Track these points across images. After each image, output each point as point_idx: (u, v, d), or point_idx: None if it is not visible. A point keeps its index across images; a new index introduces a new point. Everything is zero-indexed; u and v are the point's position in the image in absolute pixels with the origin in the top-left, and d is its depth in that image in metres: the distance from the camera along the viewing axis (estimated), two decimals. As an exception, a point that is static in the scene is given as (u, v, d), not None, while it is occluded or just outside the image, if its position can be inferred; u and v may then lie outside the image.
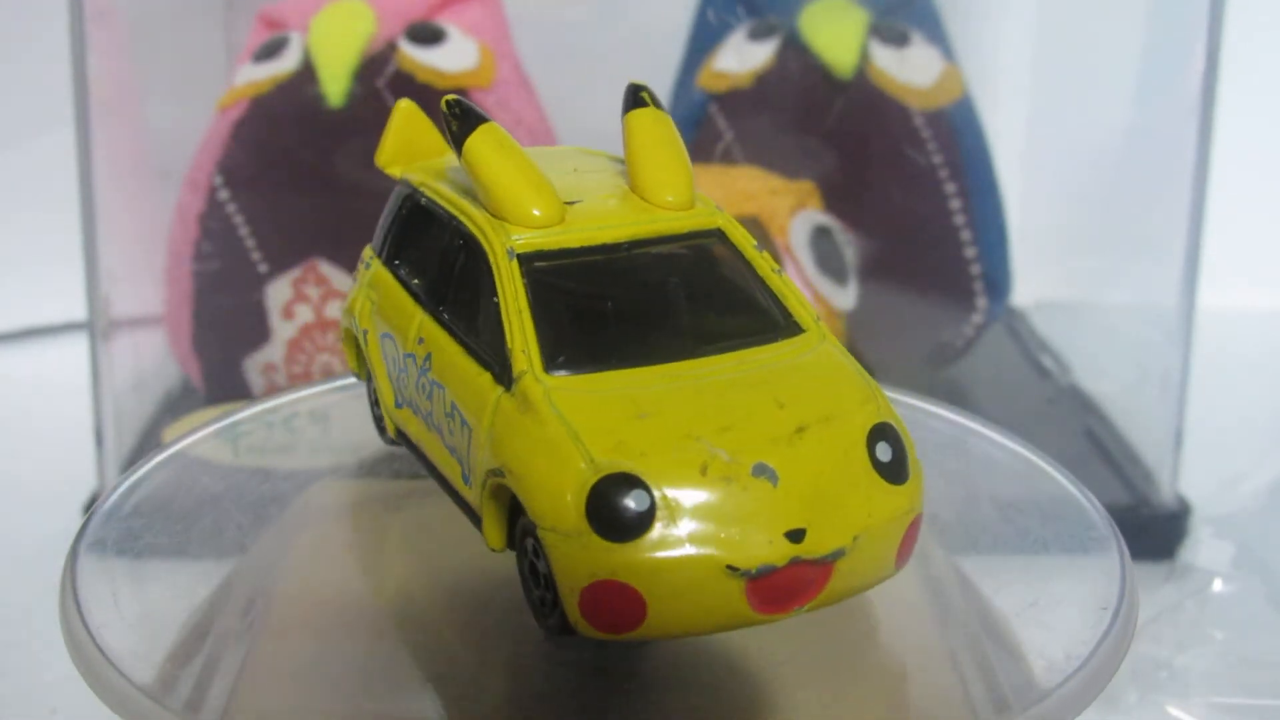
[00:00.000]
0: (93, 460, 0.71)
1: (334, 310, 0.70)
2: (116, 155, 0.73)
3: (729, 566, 0.33)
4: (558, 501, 0.33)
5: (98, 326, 0.70)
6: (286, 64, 0.71)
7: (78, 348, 0.74)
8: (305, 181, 0.70)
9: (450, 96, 0.40)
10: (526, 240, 0.38)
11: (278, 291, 0.70)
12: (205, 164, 0.71)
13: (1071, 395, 0.81)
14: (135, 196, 0.77)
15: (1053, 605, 0.41)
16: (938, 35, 0.77)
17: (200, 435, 0.49)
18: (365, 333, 0.43)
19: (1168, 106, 0.74)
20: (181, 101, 0.79)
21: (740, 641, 0.38)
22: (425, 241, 0.41)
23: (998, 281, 0.76)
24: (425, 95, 0.71)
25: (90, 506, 0.68)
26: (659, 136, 0.40)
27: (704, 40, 0.79)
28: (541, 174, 0.39)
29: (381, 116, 0.72)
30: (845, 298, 0.71)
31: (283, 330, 0.71)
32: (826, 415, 0.35)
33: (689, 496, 0.33)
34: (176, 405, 0.77)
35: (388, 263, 0.43)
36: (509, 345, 0.36)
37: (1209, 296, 0.74)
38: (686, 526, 0.33)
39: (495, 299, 0.37)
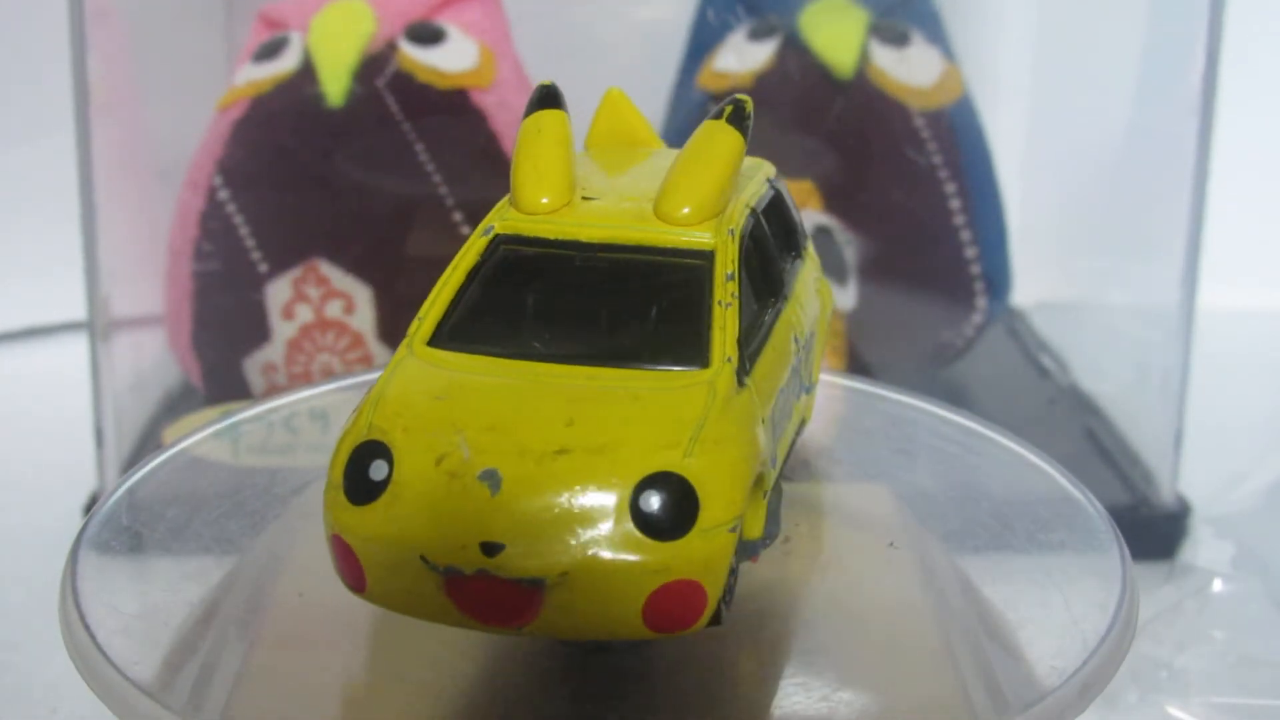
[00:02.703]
0: (93, 460, 0.70)
1: (334, 310, 0.70)
2: (116, 155, 0.73)
3: (422, 557, 0.33)
4: (336, 455, 0.35)
5: (98, 326, 0.70)
6: (286, 64, 0.71)
7: (78, 348, 0.74)
8: (305, 181, 0.70)
9: (546, 82, 0.41)
10: (512, 223, 0.38)
11: (278, 291, 0.70)
12: (205, 164, 0.71)
13: (1071, 395, 0.81)
14: (135, 196, 0.77)
15: (1053, 605, 0.41)
16: (938, 35, 0.77)
17: (200, 435, 0.49)
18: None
19: (1168, 106, 0.74)
20: (181, 101, 0.79)
21: (738, 641, 0.38)
22: None
23: (998, 281, 0.76)
24: (425, 95, 0.71)
25: (90, 506, 0.68)
26: (709, 151, 0.39)
27: (704, 40, 0.79)
28: (568, 166, 0.39)
29: (381, 116, 0.73)
30: (845, 298, 0.71)
31: (283, 330, 0.71)
32: (602, 446, 0.33)
33: (417, 481, 0.33)
34: (176, 405, 0.77)
35: None
36: (419, 311, 0.37)
37: (1209, 296, 0.74)
38: (403, 508, 0.33)
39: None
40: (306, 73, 0.70)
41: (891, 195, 0.73)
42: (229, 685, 0.37)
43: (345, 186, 0.70)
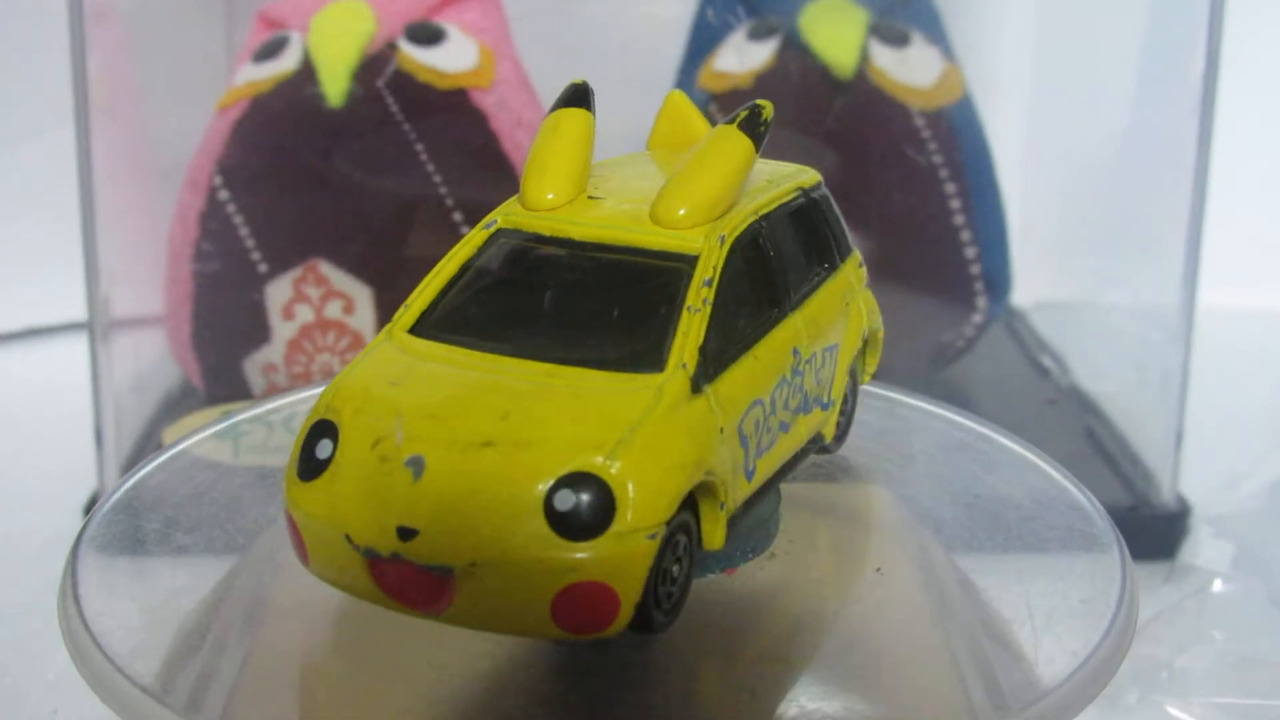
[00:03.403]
0: (93, 460, 0.70)
1: (334, 310, 0.71)
2: (116, 155, 0.73)
3: (347, 536, 0.34)
4: (299, 434, 0.36)
5: (98, 326, 0.70)
6: (286, 64, 0.71)
7: (78, 348, 0.74)
8: (305, 181, 0.70)
9: (578, 80, 0.41)
10: (514, 218, 0.39)
11: (278, 291, 0.70)
12: (205, 164, 0.71)
13: (1071, 395, 0.81)
14: (135, 196, 0.77)
15: (1053, 605, 0.41)
16: (938, 35, 0.77)
17: (200, 435, 0.49)
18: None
19: (1168, 106, 0.74)
20: (181, 101, 0.79)
21: (737, 641, 0.38)
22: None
23: (998, 281, 0.76)
24: (425, 95, 0.71)
25: (90, 507, 0.68)
26: (712, 156, 0.39)
27: (704, 40, 0.79)
28: (577, 164, 0.39)
29: (381, 116, 0.73)
30: (845, 298, 0.71)
31: (283, 330, 0.71)
32: (527, 442, 0.33)
33: (353, 462, 0.34)
34: (176, 405, 0.77)
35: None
36: (407, 298, 0.38)
37: (1209, 296, 0.74)
38: (338, 487, 0.34)
39: None
40: (306, 73, 0.70)
41: (891, 195, 0.74)
42: (229, 685, 0.37)
43: (345, 186, 0.70)
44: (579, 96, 0.41)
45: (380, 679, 0.37)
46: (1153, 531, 0.69)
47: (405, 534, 0.33)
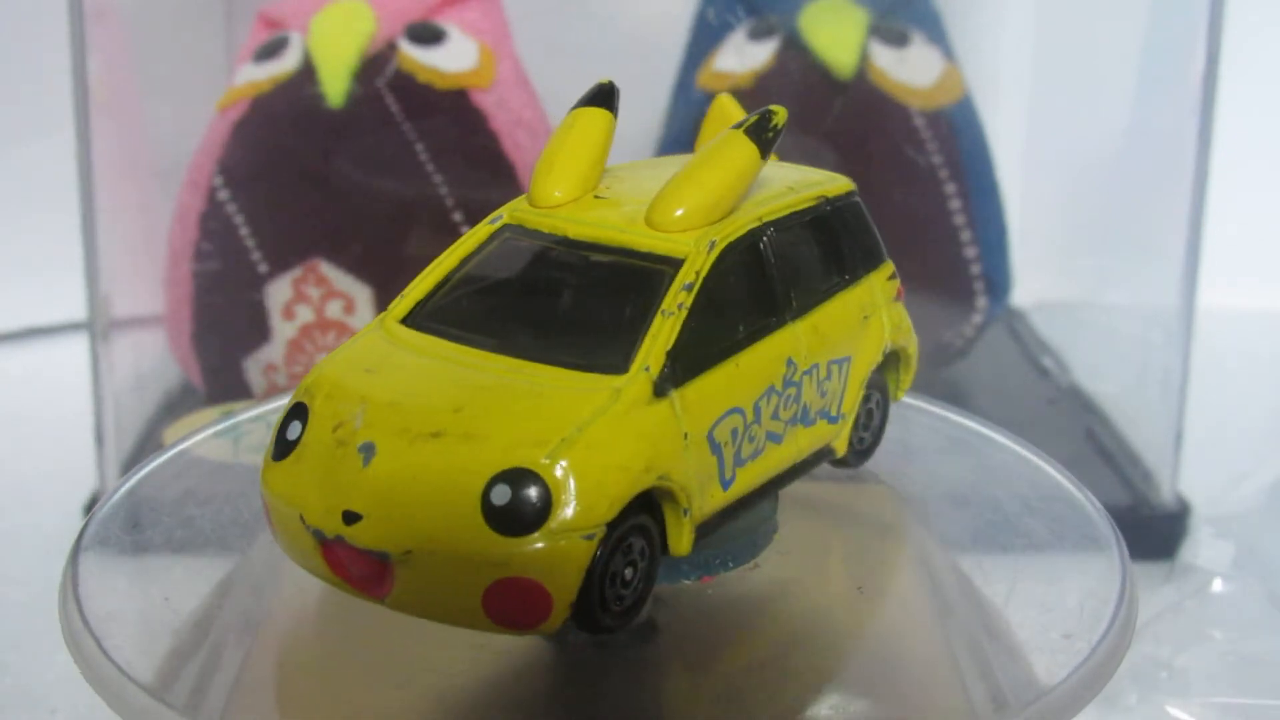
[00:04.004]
0: (93, 460, 0.70)
1: (334, 310, 0.71)
2: (116, 155, 0.73)
3: (301, 517, 0.35)
4: (279, 416, 0.37)
5: (98, 326, 0.70)
6: (286, 64, 0.71)
7: (78, 348, 0.74)
8: (305, 181, 0.70)
9: (604, 80, 0.41)
10: (519, 214, 0.39)
11: (278, 291, 0.70)
12: (205, 164, 0.71)
13: (1071, 395, 0.81)
14: (135, 196, 0.77)
15: (1053, 605, 0.41)
16: (938, 35, 0.77)
17: (200, 435, 0.49)
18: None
19: (1168, 106, 0.74)
20: (181, 101, 0.79)
21: (737, 642, 0.38)
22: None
23: (998, 281, 0.76)
24: (425, 95, 0.71)
25: (90, 506, 0.68)
26: (714, 160, 0.39)
27: (704, 40, 0.79)
28: (587, 163, 0.40)
29: (381, 116, 0.73)
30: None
31: (283, 330, 0.71)
32: (473, 435, 0.34)
33: (315, 444, 0.35)
34: (176, 405, 0.77)
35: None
36: (405, 288, 0.39)
37: (1209, 296, 0.74)
38: (299, 468, 0.35)
39: None
40: (306, 73, 0.70)
41: (891, 195, 0.73)
42: (229, 684, 0.37)
43: (345, 186, 0.70)
44: (601, 96, 0.41)
45: (380, 679, 0.37)
46: (1153, 531, 0.69)
47: (349, 518, 0.34)
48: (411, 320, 0.38)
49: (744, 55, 0.75)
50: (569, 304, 0.38)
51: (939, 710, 0.37)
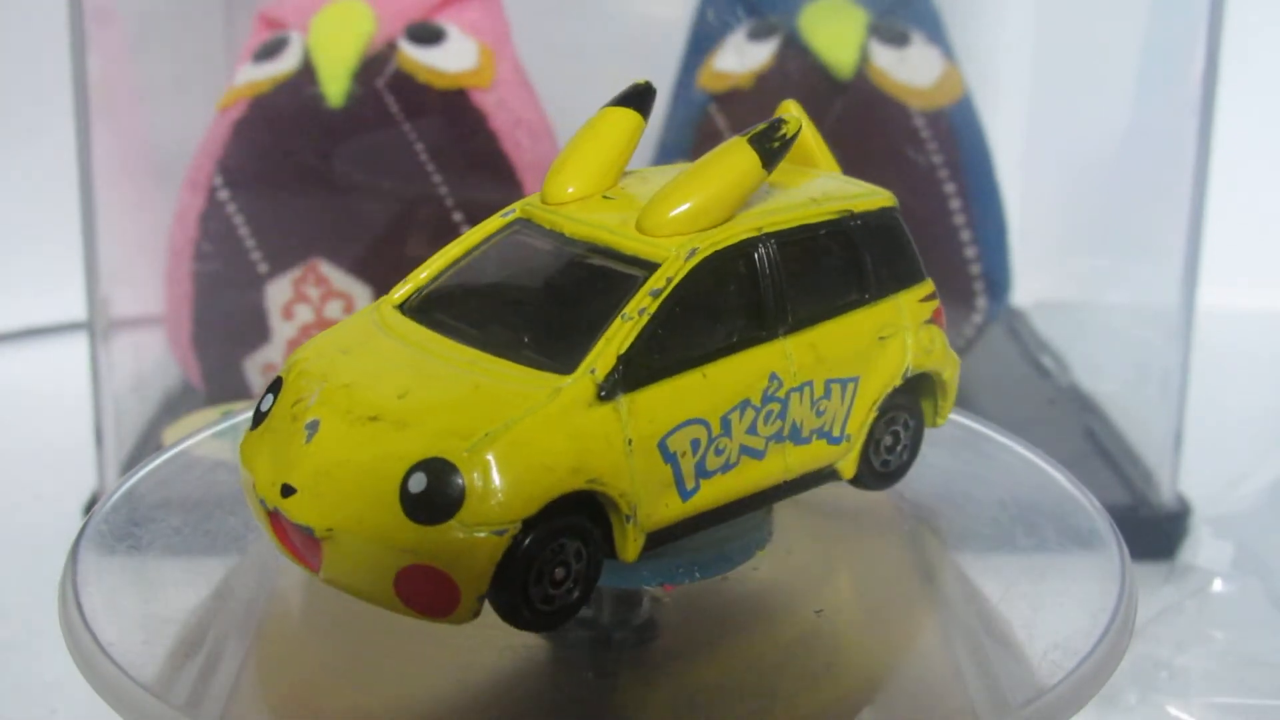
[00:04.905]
0: (93, 460, 0.70)
1: (334, 310, 0.71)
2: (116, 155, 0.73)
3: (253, 484, 0.36)
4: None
5: (98, 326, 0.70)
6: (286, 64, 0.71)
7: (78, 348, 0.74)
8: (305, 181, 0.70)
9: (641, 80, 0.41)
10: (529, 210, 0.40)
11: (278, 291, 0.70)
12: (205, 164, 0.71)
13: (1071, 395, 0.81)
14: (135, 196, 0.77)
15: (1053, 605, 0.41)
16: (938, 35, 0.77)
17: (200, 435, 0.49)
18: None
19: (1168, 106, 0.74)
20: (181, 101, 0.79)
21: (737, 641, 0.38)
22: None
23: (998, 281, 0.76)
24: (425, 95, 0.71)
25: (90, 506, 0.68)
26: (711, 167, 0.38)
27: (704, 40, 0.79)
28: (604, 162, 0.40)
29: (381, 116, 0.73)
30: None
31: (283, 330, 0.71)
32: (406, 422, 0.34)
33: (276, 417, 0.37)
34: (176, 405, 0.77)
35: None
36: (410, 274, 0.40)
37: (1209, 296, 0.74)
38: (261, 439, 0.37)
39: None
40: (306, 73, 0.70)
41: (891, 195, 0.73)
42: (229, 684, 0.37)
43: (345, 186, 0.70)
44: (631, 96, 0.41)
45: (379, 679, 0.37)
46: (1153, 531, 0.69)
47: (286, 491, 0.35)
48: (405, 306, 0.39)
49: (744, 55, 0.75)
50: (550, 301, 0.38)
51: (939, 710, 0.37)
